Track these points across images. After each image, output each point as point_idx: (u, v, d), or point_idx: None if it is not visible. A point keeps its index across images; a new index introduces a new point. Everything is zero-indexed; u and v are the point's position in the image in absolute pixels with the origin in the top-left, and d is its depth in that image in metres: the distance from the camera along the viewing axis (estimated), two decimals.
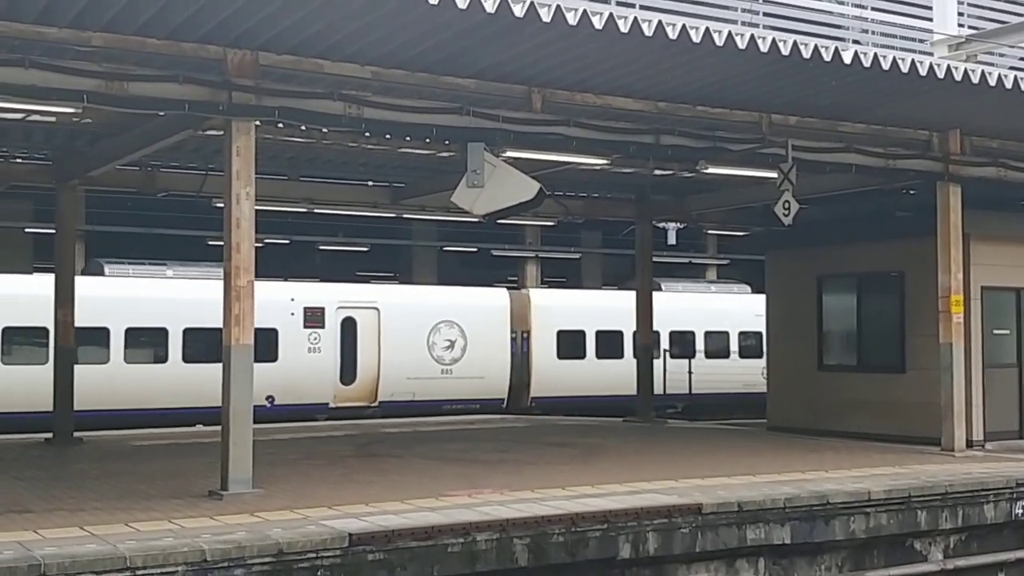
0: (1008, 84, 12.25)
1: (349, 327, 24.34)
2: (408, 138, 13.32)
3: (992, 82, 12.12)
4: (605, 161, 15.03)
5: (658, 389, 22.70)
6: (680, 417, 25.05)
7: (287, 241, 28.56)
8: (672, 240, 30.59)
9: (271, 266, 19.65)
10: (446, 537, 9.12)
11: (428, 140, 13.20)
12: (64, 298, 16.39)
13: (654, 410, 21.27)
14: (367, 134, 12.97)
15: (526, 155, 13.47)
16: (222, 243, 11.24)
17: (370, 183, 19.27)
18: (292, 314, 23.66)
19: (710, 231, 34.37)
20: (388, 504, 10.16)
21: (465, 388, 25.41)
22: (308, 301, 23.99)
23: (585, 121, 13.15)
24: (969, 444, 15.67)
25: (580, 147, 13.41)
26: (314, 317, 23.91)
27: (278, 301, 23.06)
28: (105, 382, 21.16)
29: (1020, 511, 12.44)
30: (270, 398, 22.29)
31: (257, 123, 11.42)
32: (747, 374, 27.59)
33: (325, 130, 13.12)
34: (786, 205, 14.52)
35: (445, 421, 20.71)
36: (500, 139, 12.74)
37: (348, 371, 24.26)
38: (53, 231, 17.16)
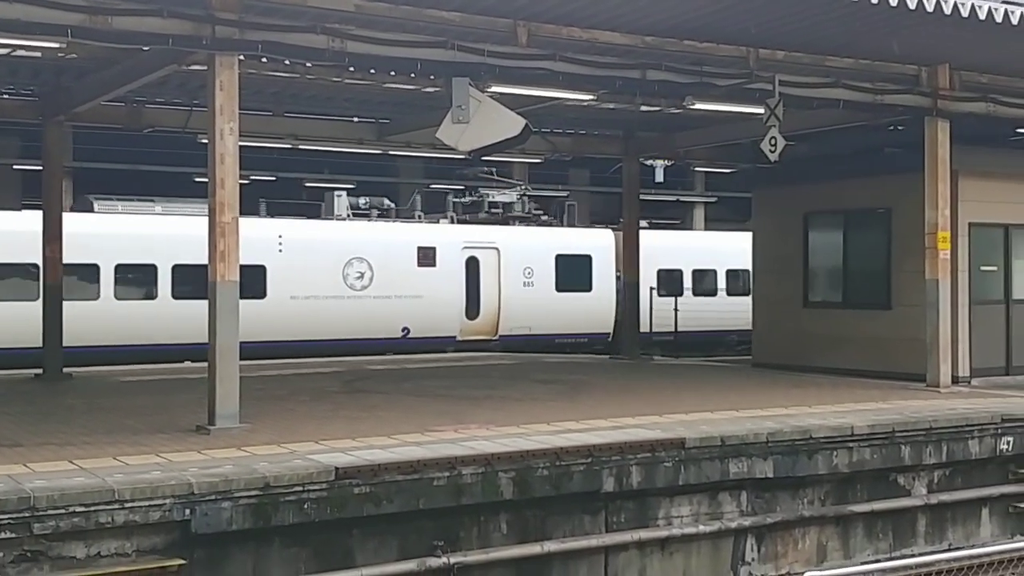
0: (998, 18, 12.14)
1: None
2: (392, 73, 13.21)
3: (982, 15, 12.02)
4: (591, 97, 14.94)
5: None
6: (669, 353, 25.19)
7: (273, 178, 28.47)
8: (660, 178, 30.53)
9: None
10: (432, 471, 9.20)
11: (413, 75, 13.09)
12: (52, 235, 16.34)
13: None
14: (351, 69, 12.86)
15: (512, 90, 13.38)
16: (207, 179, 11.20)
17: (355, 119, 19.15)
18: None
19: (698, 168, 34.34)
20: (374, 439, 10.23)
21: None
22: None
23: (571, 56, 13.03)
24: (955, 380, 15.78)
25: (566, 82, 13.31)
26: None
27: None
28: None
29: (1004, 446, 12.56)
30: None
31: (240, 57, 11.34)
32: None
33: (309, 64, 12.99)
34: (773, 141, 14.46)
35: (432, 359, 20.80)
36: (485, 74, 12.64)
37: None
38: (40, 168, 17.05)
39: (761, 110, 14.42)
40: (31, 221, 19.06)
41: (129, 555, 8.07)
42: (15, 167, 26.92)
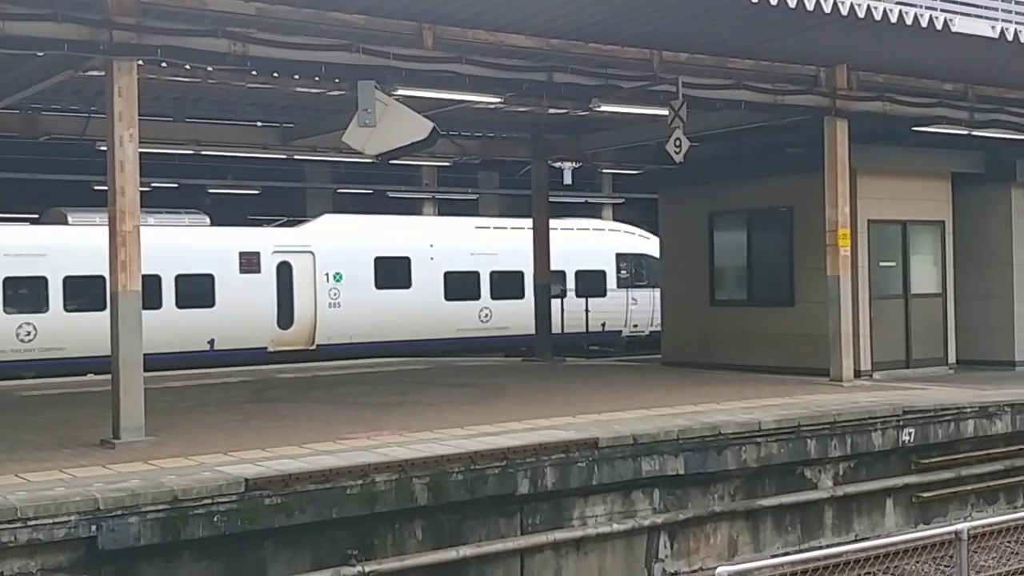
0: (893, 18, 12.47)
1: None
2: (296, 76, 13.08)
3: (878, 16, 12.33)
4: (498, 99, 14.95)
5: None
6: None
7: (175, 185, 27.93)
8: (568, 180, 30.68)
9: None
10: (344, 479, 9.10)
11: (317, 78, 13.00)
12: None
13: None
14: (253, 72, 12.71)
15: (418, 93, 13.30)
16: (107, 188, 10.93)
17: (259, 123, 18.90)
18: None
19: (605, 170, 34.59)
20: (285, 449, 10.09)
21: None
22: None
23: (478, 59, 13.02)
24: (857, 374, 16.12)
25: (473, 85, 13.30)
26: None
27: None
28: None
29: (907, 438, 12.86)
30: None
31: (139, 62, 11.11)
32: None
33: (210, 69, 12.79)
34: (677, 143, 14.62)
35: (345, 365, 20.61)
36: (391, 77, 12.55)
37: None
38: None
39: (666, 112, 14.58)
40: None
41: (34, 574, 7.86)
42: None
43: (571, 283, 27.60)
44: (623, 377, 17.39)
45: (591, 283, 27.94)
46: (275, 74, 12.89)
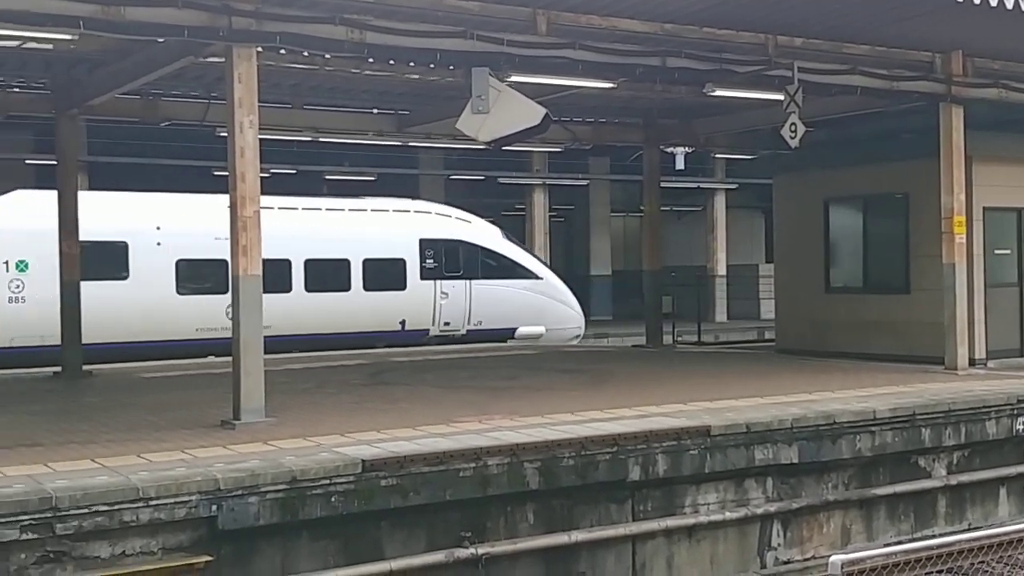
0: (1009, 5, 12.10)
1: None
2: (412, 64, 13.21)
3: (993, 3, 11.99)
4: (611, 85, 14.89)
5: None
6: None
7: (294, 171, 28.47)
8: (680, 165, 30.45)
9: None
10: (457, 462, 9.19)
11: (432, 65, 13.06)
12: (68, 230, 16.26)
13: None
14: (370, 60, 12.83)
15: (531, 79, 13.32)
16: (227, 173, 11.18)
17: (375, 111, 19.13)
18: None
19: (718, 155, 34.21)
20: (399, 431, 10.22)
21: None
22: None
23: (591, 44, 12.96)
24: (972, 362, 15.78)
25: (586, 71, 13.26)
26: None
27: None
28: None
29: (1020, 427, 12.55)
30: None
31: (258, 49, 11.27)
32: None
33: (328, 56, 12.98)
34: (792, 128, 14.43)
35: (455, 349, 20.81)
36: (505, 63, 12.58)
37: None
38: (55, 162, 16.95)
39: (781, 96, 14.38)
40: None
41: (155, 553, 8.01)
42: (27, 162, 26.83)
43: (356, 274, 23.37)
44: (735, 364, 17.21)
45: (383, 274, 23.72)
46: (391, 61, 13.03)
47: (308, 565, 8.65)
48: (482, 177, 32.74)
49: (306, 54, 12.71)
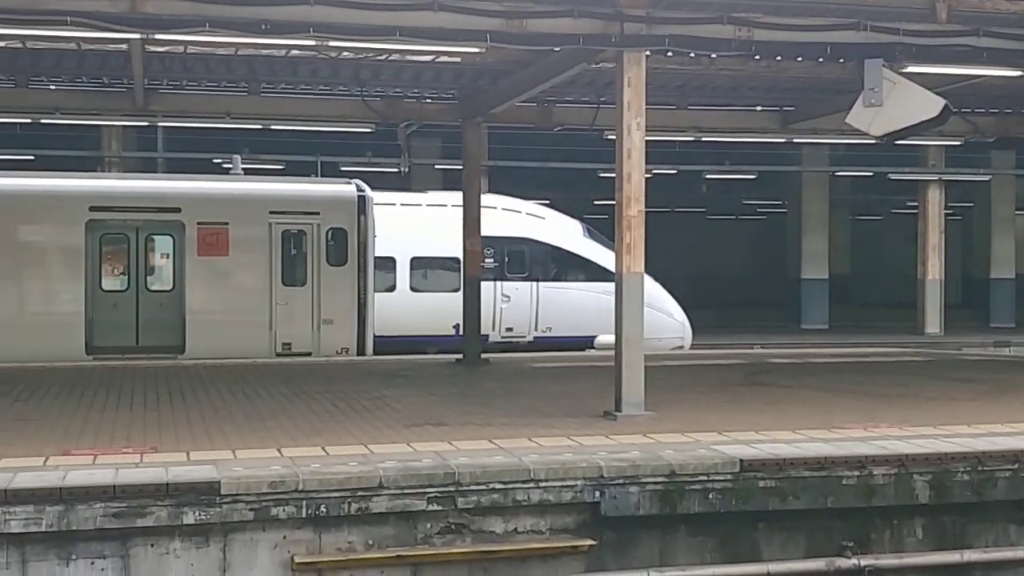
0: None
1: None
2: (799, 58, 12.93)
3: None
4: (1019, 72, 13.81)
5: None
6: None
7: (674, 171, 28.70)
8: None
9: None
10: (840, 469, 8.90)
11: (820, 59, 12.72)
12: (472, 230, 17.22)
13: None
14: (756, 57, 12.70)
15: (929, 70, 12.66)
16: (613, 175, 11.49)
17: (759, 108, 18.90)
18: None
19: None
20: (778, 433, 10.05)
21: None
22: None
23: (997, 30, 12.13)
24: None
25: (991, 58, 12.42)
26: None
27: None
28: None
29: None
30: None
31: (647, 53, 11.50)
32: None
33: (714, 56, 12.98)
34: None
35: (840, 353, 20.13)
36: (900, 53, 12.06)
37: None
38: (459, 167, 18.15)
39: None
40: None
41: (543, 533, 8.43)
42: (436, 167, 28.88)
43: (403, 273, 21.41)
44: None
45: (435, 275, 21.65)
46: (778, 57, 12.84)
47: (686, 559, 8.72)
48: (870, 173, 31.40)
49: (692, 55, 12.77)
